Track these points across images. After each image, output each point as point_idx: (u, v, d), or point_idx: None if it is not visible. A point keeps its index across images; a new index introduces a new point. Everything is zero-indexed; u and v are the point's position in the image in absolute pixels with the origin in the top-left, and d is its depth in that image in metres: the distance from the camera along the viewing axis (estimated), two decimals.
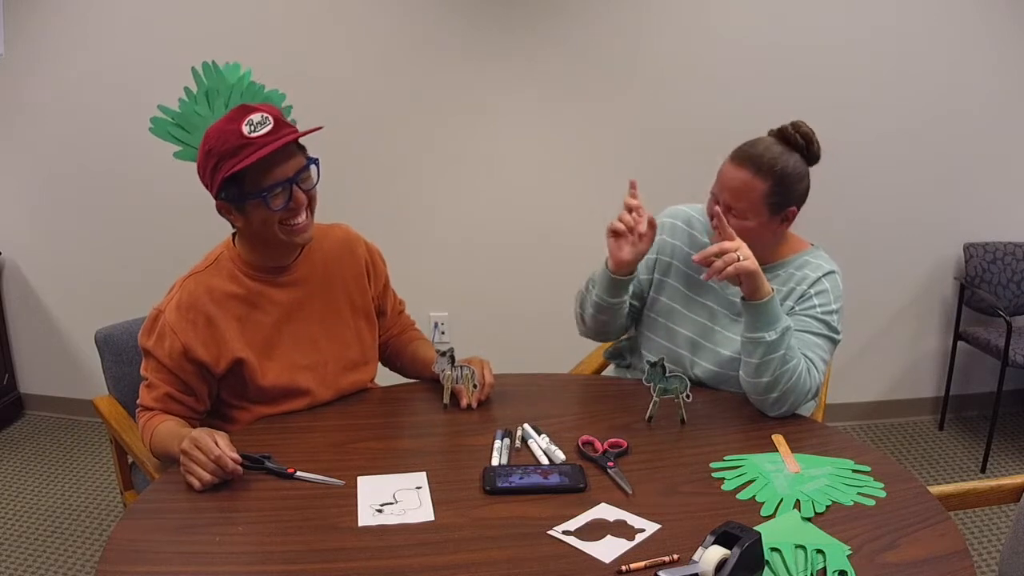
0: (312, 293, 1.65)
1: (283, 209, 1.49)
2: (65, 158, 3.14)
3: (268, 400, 1.60)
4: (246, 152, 1.43)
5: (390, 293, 1.85)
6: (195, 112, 1.64)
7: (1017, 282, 3.14)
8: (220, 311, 1.55)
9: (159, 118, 1.66)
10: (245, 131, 1.44)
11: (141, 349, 1.57)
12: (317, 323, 1.65)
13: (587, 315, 1.79)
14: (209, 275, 1.58)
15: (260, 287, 1.60)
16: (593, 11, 2.96)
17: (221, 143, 1.45)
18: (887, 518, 1.23)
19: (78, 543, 2.52)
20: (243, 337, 1.56)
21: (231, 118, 1.47)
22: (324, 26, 2.95)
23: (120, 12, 2.96)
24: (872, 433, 3.31)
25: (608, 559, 1.13)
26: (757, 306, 1.54)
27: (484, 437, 1.50)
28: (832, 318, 1.65)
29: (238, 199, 1.49)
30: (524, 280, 3.20)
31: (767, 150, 1.60)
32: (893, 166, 3.15)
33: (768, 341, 1.54)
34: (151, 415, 1.55)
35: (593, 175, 3.13)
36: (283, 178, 1.47)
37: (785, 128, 1.64)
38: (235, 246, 1.62)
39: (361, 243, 1.77)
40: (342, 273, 1.71)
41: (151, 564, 1.13)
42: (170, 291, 1.58)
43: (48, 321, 3.33)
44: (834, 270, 1.70)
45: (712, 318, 1.73)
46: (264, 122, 1.45)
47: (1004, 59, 3.07)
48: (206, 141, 1.48)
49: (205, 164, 1.49)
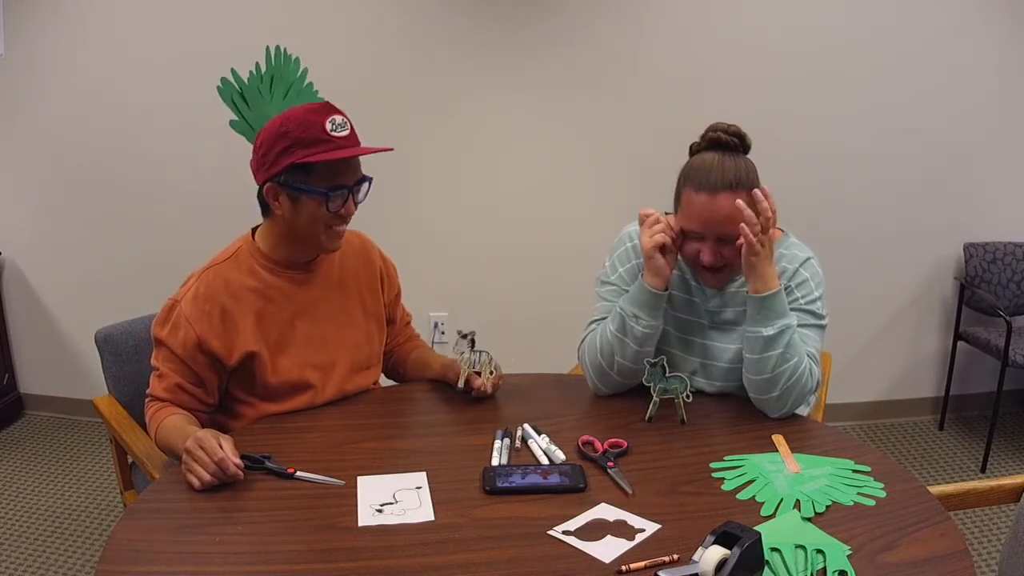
0: (327, 293, 1.67)
1: (335, 213, 1.52)
2: (65, 158, 3.14)
3: (274, 396, 1.61)
4: (325, 147, 1.47)
5: (400, 305, 1.89)
6: (258, 90, 1.67)
7: (1017, 282, 3.14)
8: (236, 304, 1.56)
9: (229, 82, 1.68)
10: (328, 127, 1.48)
11: (154, 339, 1.58)
12: (330, 323, 1.67)
13: (627, 356, 1.63)
14: (227, 268, 1.59)
15: (278, 282, 1.61)
16: (594, 11, 2.96)
17: (301, 130, 1.47)
18: (887, 518, 1.23)
19: (78, 543, 2.52)
20: (258, 331, 1.57)
21: (314, 110, 1.50)
22: (324, 25, 2.95)
23: (120, 12, 2.96)
24: (872, 433, 3.31)
25: (608, 559, 1.13)
26: (758, 300, 1.54)
27: (484, 437, 1.50)
28: (816, 306, 1.64)
29: (298, 188, 1.50)
30: (524, 280, 3.21)
31: (728, 168, 1.54)
32: (893, 166, 3.15)
33: (765, 336, 1.54)
34: (160, 406, 1.55)
35: (593, 175, 3.13)
36: (345, 184, 1.51)
37: (718, 137, 1.57)
38: (254, 241, 1.63)
39: (377, 252, 1.81)
40: (357, 277, 1.73)
41: (151, 564, 1.13)
42: (186, 282, 1.59)
43: (48, 321, 3.33)
44: (809, 256, 1.68)
45: (702, 334, 1.72)
46: (344, 126, 1.51)
47: (1004, 59, 3.07)
48: (284, 123, 1.49)
49: (274, 144, 1.49)
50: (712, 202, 1.52)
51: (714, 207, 1.53)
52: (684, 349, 1.73)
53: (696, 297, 1.71)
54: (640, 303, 1.61)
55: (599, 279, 1.78)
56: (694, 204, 1.54)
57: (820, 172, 3.14)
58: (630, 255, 1.73)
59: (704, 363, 1.71)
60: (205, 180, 3.10)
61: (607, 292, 1.74)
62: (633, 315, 1.62)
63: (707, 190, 1.53)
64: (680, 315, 1.73)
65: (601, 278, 1.77)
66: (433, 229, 3.16)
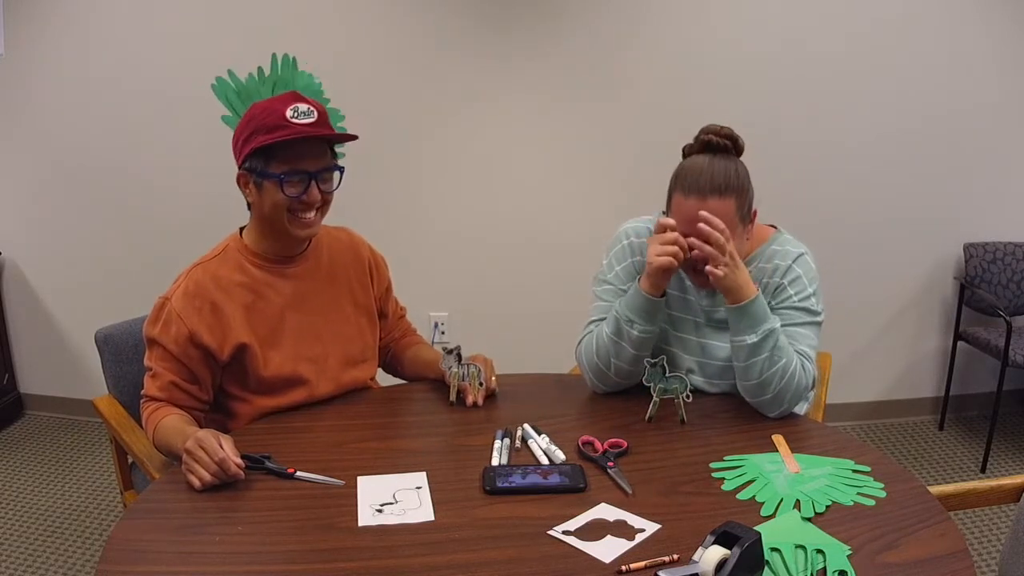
0: (316, 287, 1.68)
1: (295, 199, 1.53)
2: (65, 158, 3.14)
3: (269, 390, 1.61)
4: (281, 132, 1.49)
5: (392, 298, 1.89)
6: (258, 91, 1.71)
7: (1017, 282, 3.14)
8: (226, 298, 1.57)
9: (224, 80, 1.71)
10: (288, 114, 1.50)
11: (146, 339, 1.59)
12: (320, 316, 1.68)
13: (623, 359, 1.63)
14: (216, 264, 1.61)
15: (266, 276, 1.62)
16: (594, 12, 2.96)
17: (263, 116, 1.51)
18: (887, 518, 1.23)
19: (78, 543, 2.52)
20: (248, 324, 1.58)
21: (281, 99, 1.52)
22: (324, 25, 2.95)
23: (120, 12, 2.96)
24: (872, 433, 3.31)
25: (608, 559, 1.13)
26: (738, 310, 1.54)
27: (484, 437, 1.50)
28: (810, 302, 1.64)
29: (258, 174, 1.53)
30: (524, 280, 3.21)
31: (718, 172, 1.53)
32: (893, 166, 3.15)
33: (750, 344, 1.54)
34: (156, 406, 1.56)
35: (593, 175, 3.13)
36: (304, 169, 1.52)
37: (709, 139, 1.57)
38: (242, 238, 1.65)
39: (365, 246, 1.82)
40: (346, 270, 1.74)
41: (151, 564, 1.13)
42: (176, 280, 1.61)
43: (48, 321, 3.33)
44: (802, 252, 1.67)
45: (698, 332, 1.72)
46: (308, 114, 1.51)
47: (1004, 59, 3.07)
48: (250, 110, 1.54)
49: (241, 131, 1.54)
50: (700, 206, 1.52)
51: (697, 208, 1.52)
52: (680, 347, 1.73)
53: (691, 295, 1.71)
54: (636, 308, 1.61)
55: (596, 278, 1.78)
56: (683, 207, 1.55)
57: (820, 172, 3.14)
58: (626, 253, 1.73)
59: (700, 361, 1.71)
60: (205, 180, 3.10)
61: (604, 291, 1.74)
62: (629, 320, 1.62)
63: (695, 194, 1.53)
64: (675, 313, 1.73)
65: (598, 277, 1.77)
66: (433, 229, 3.16)
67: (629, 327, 1.61)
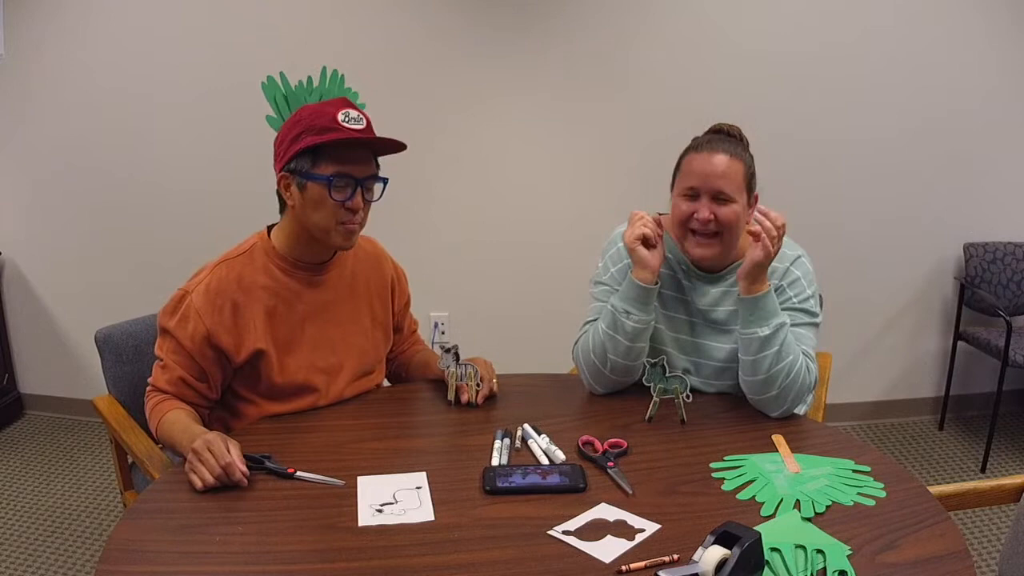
0: (338, 297, 1.67)
1: (340, 203, 1.51)
2: (65, 158, 3.14)
3: (278, 396, 1.60)
4: (332, 134, 1.48)
5: (409, 313, 1.90)
6: (305, 99, 1.71)
7: (1017, 282, 3.14)
8: (248, 300, 1.55)
9: (275, 81, 1.71)
10: (340, 118, 1.50)
11: (160, 328, 1.56)
12: (338, 328, 1.67)
13: (619, 353, 1.63)
14: (241, 263, 1.58)
15: (290, 282, 1.60)
16: (594, 13, 2.96)
17: (313, 118, 1.50)
18: (887, 518, 1.23)
19: (78, 543, 2.52)
20: (267, 329, 1.57)
21: (332, 103, 1.52)
22: (324, 25, 2.95)
23: (120, 12, 2.96)
24: (872, 433, 3.31)
25: (608, 559, 1.13)
26: (751, 301, 1.55)
27: (484, 437, 1.50)
28: (809, 304, 1.65)
29: (304, 175, 1.51)
30: (524, 280, 3.21)
31: (726, 141, 1.60)
32: (893, 166, 3.15)
33: (761, 337, 1.54)
34: (162, 399, 1.55)
35: (593, 176, 3.13)
36: (352, 175, 1.51)
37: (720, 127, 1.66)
38: (269, 239, 1.62)
39: (389, 261, 1.81)
40: (368, 283, 1.73)
41: (151, 564, 1.13)
42: (197, 274, 1.58)
43: (48, 321, 3.33)
44: (800, 254, 1.69)
45: (694, 332, 1.72)
46: (359, 120, 1.52)
47: (1004, 59, 3.07)
48: (299, 112, 1.53)
49: (288, 132, 1.52)
50: (710, 157, 1.57)
51: (712, 161, 1.56)
52: (676, 348, 1.73)
53: (688, 296, 1.71)
54: (630, 298, 1.62)
55: (592, 280, 1.79)
56: (692, 161, 1.60)
57: (820, 172, 3.14)
58: (622, 255, 1.74)
59: (696, 361, 1.71)
60: (205, 181, 3.10)
61: (600, 292, 1.75)
62: (624, 311, 1.62)
63: (706, 148, 1.59)
64: (672, 314, 1.73)
65: (594, 279, 1.78)
66: (433, 229, 3.16)
67: (624, 317, 1.62)
